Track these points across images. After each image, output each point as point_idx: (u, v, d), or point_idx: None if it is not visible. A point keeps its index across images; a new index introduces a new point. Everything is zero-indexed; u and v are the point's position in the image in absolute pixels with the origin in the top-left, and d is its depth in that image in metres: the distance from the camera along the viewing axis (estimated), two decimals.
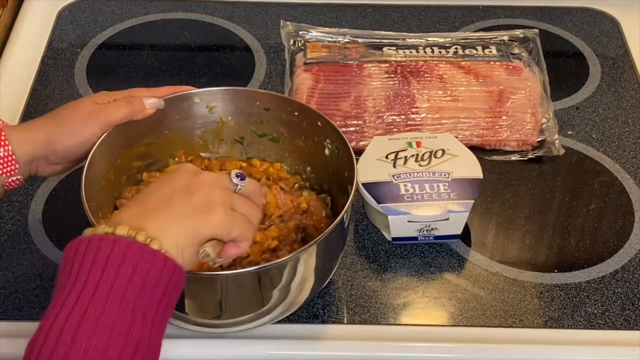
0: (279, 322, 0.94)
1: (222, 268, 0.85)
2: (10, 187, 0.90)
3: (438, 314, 0.96)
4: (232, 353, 0.92)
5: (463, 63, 1.22)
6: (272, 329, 0.93)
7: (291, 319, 0.94)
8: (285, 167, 1.03)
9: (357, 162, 0.95)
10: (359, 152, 1.13)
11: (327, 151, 0.98)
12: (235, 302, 0.87)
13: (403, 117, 1.15)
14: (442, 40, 1.27)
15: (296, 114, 0.99)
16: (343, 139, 0.93)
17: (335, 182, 0.94)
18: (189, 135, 1.02)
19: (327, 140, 0.97)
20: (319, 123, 0.96)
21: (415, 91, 1.18)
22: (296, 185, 1.00)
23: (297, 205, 0.96)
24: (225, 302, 0.87)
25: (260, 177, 1.00)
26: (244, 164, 1.02)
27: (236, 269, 0.87)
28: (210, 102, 1.00)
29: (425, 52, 1.25)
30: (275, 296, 0.87)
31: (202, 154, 1.03)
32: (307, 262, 0.87)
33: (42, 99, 1.20)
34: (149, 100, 0.93)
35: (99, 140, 0.91)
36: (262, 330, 0.93)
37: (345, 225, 0.91)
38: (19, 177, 0.89)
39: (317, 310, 0.95)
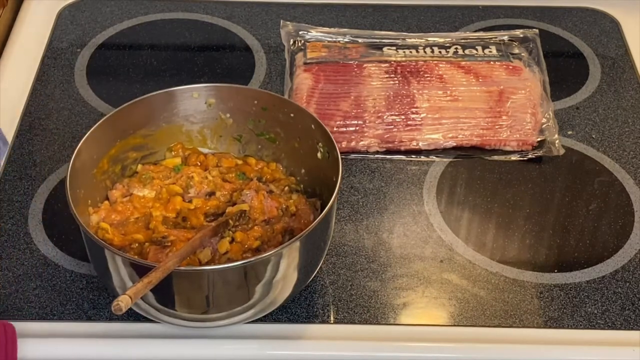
0: (279, 321, 0.94)
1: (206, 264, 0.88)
2: None
3: (438, 314, 0.96)
4: (227, 353, 0.92)
5: (463, 63, 1.22)
6: (271, 328, 0.93)
7: (291, 318, 0.94)
8: (281, 168, 1.03)
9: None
10: (358, 152, 1.13)
11: (319, 154, 0.98)
12: (221, 296, 0.88)
13: (403, 117, 1.15)
14: (442, 40, 1.27)
15: (292, 115, 0.99)
16: (333, 143, 0.93)
17: (325, 186, 0.94)
18: (187, 130, 1.02)
19: (320, 143, 0.97)
20: (313, 126, 0.97)
21: (415, 91, 1.18)
22: (286, 188, 1.00)
23: (286, 208, 0.96)
24: (212, 296, 0.87)
25: (254, 176, 1.00)
26: (239, 162, 1.03)
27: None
28: (209, 98, 1.00)
29: (425, 52, 1.25)
30: (259, 291, 0.87)
31: (200, 149, 1.03)
32: (291, 257, 0.87)
33: (42, 99, 1.20)
34: None
35: (88, 132, 0.92)
36: (262, 329, 0.93)
37: (330, 224, 0.92)
38: None
39: (317, 310, 0.95)
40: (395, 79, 1.20)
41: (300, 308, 0.95)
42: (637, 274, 1.00)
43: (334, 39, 1.27)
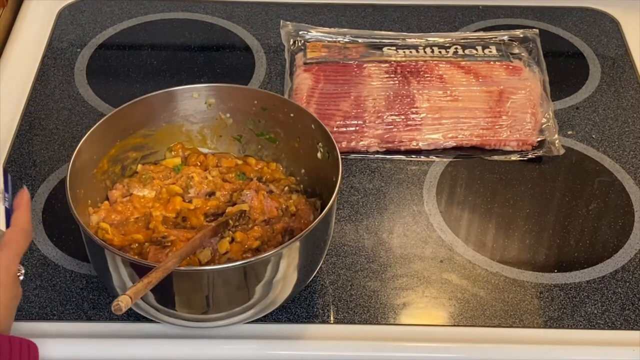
0: (279, 321, 0.94)
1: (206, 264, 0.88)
2: None
3: (438, 314, 0.96)
4: (227, 353, 0.92)
5: (463, 63, 1.22)
6: (271, 328, 0.93)
7: (291, 318, 0.94)
8: (281, 168, 1.03)
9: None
10: (358, 152, 1.13)
11: (319, 154, 0.98)
12: (221, 296, 0.88)
13: (403, 117, 1.15)
14: (442, 40, 1.27)
15: (292, 115, 0.99)
16: (333, 143, 0.93)
17: (325, 186, 0.95)
18: (187, 130, 1.03)
19: (320, 143, 0.97)
20: (313, 126, 0.97)
21: (415, 91, 1.18)
22: (286, 188, 1.00)
23: (286, 208, 0.96)
24: (212, 296, 0.87)
25: (254, 176, 1.00)
26: (239, 162, 1.03)
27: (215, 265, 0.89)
28: (209, 98, 1.01)
29: (425, 52, 1.25)
30: (259, 291, 0.87)
31: (200, 149, 1.03)
32: (291, 257, 0.87)
33: (42, 99, 1.20)
34: None
35: (88, 132, 0.92)
36: (262, 329, 0.93)
37: (330, 224, 0.92)
38: None
39: (317, 310, 0.95)
40: (395, 79, 1.20)
41: (300, 308, 0.95)
42: (637, 274, 1.00)
43: (334, 39, 1.27)
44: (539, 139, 1.14)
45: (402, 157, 1.13)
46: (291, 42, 1.27)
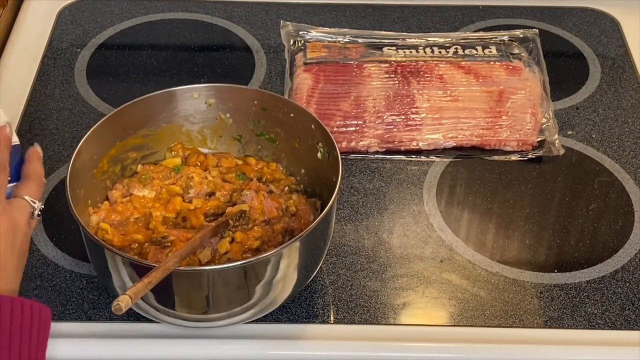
0: (279, 321, 0.94)
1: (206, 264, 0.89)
2: None
3: (438, 314, 0.96)
4: (227, 353, 0.92)
5: (463, 63, 1.22)
6: (271, 328, 0.93)
7: (291, 318, 0.94)
8: (281, 168, 1.03)
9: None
10: (358, 152, 1.13)
11: (319, 154, 0.98)
12: (221, 296, 0.88)
13: (403, 117, 1.15)
14: (442, 40, 1.27)
15: (292, 115, 0.99)
16: (333, 143, 0.93)
17: (325, 186, 0.95)
18: (187, 130, 1.03)
19: (320, 143, 0.97)
20: (312, 126, 0.97)
21: (415, 91, 1.18)
22: (286, 188, 1.00)
23: (286, 208, 0.96)
24: (212, 296, 0.87)
25: (254, 177, 1.00)
26: (239, 162, 1.03)
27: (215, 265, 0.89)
28: (209, 98, 1.01)
29: (425, 52, 1.25)
30: (259, 291, 0.87)
31: (200, 149, 1.04)
32: (291, 257, 0.87)
33: (42, 99, 1.20)
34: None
35: (88, 132, 0.92)
36: (262, 329, 0.93)
37: (330, 224, 0.92)
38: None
39: (317, 310, 0.95)
40: (395, 79, 1.20)
41: (300, 308, 0.95)
42: (637, 274, 1.00)
43: (334, 39, 1.27)
44: (539, 139, 1.14)
45: (402, 157, 1.13)
46: (291, 42, 1.27)
